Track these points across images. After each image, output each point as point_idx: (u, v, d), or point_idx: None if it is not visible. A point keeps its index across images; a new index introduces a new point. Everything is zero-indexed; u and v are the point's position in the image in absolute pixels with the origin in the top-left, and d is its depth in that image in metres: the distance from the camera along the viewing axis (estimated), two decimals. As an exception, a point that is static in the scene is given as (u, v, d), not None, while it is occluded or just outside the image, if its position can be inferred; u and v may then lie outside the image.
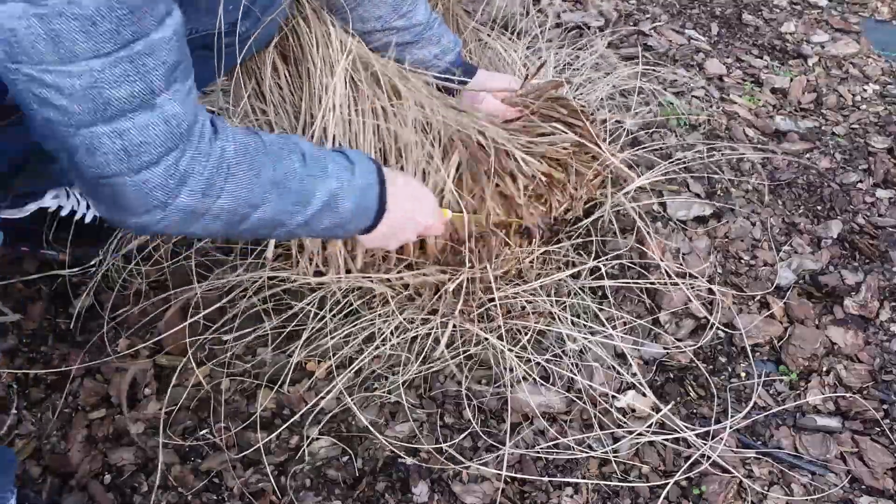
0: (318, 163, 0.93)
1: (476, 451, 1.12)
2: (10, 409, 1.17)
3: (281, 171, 0.88)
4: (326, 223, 0.95)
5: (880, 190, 1.62)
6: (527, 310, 1.25)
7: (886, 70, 2.01)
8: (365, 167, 0.99)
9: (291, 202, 0.90)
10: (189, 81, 0.80)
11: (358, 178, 0.97)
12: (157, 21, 0.73)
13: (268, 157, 0.87)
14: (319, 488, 1.09)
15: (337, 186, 0.94)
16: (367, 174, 0.98)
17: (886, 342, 1.31)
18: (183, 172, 0.79)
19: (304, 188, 0.91)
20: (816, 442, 1.16)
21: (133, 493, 1.09)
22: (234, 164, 0.83)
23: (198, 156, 0.80)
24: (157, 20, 0.73)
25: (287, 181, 0.89)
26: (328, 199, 0.93)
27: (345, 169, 0.96)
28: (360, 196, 0.97)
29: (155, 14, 0.72)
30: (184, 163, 0.79)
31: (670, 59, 1.97)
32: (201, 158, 0.80)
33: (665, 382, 1.23)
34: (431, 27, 1.27)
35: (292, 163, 0.90)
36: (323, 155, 0.95)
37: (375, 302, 1.25)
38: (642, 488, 1.09)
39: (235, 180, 0.84)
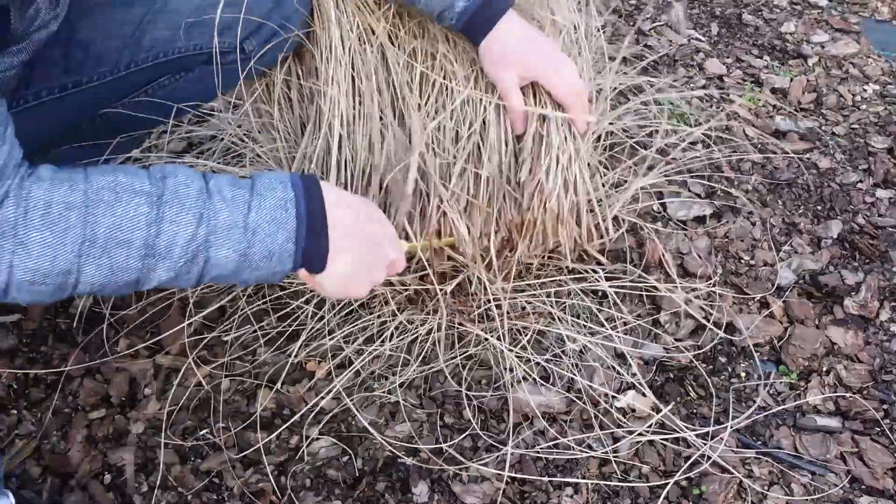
0: (180, 201, 0.74)
1: (476, 452, 1.13)
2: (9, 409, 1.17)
3: (106, 224, 0.71)
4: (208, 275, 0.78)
5: (880, 190, 1.62)
6: (527, 310, 1.25)
7: (886, 70, 2.01)
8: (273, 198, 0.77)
9: (134, 256, 0.73)
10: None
11: (252, 215, 0.76)
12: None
13: (82, 212, 0.71)
14: (319, 488, 1.09)
15: (208, 231, 0.75)
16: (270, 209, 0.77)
17: (886, 342, 1.31)
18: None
19: (150, 237, 0.73)
20: (816, 442, 1.16)
21: (133, 493, 1.09)
22: (20, 230, 0.69)
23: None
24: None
25: (121, 232, 0.72)
26: (196, 247, 0.75)
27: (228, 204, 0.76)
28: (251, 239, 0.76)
29: None
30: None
31: (670, 59, 1.97)
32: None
33: (665, 382, 1.23)
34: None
35: (133, 209, 0.73)
36: (192, 190, 0.75)
37: (375, 302, 1.25)
38: (642, 488, 1.09)
39: (27, 251, 0.70)
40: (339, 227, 0.81)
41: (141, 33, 1.08)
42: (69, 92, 1.09)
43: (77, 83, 1.09)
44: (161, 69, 1.13)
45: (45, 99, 1.07)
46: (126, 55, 1.09)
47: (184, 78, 1.16)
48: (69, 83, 1.08)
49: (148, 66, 1.11)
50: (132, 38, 1.08)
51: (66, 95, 1.09)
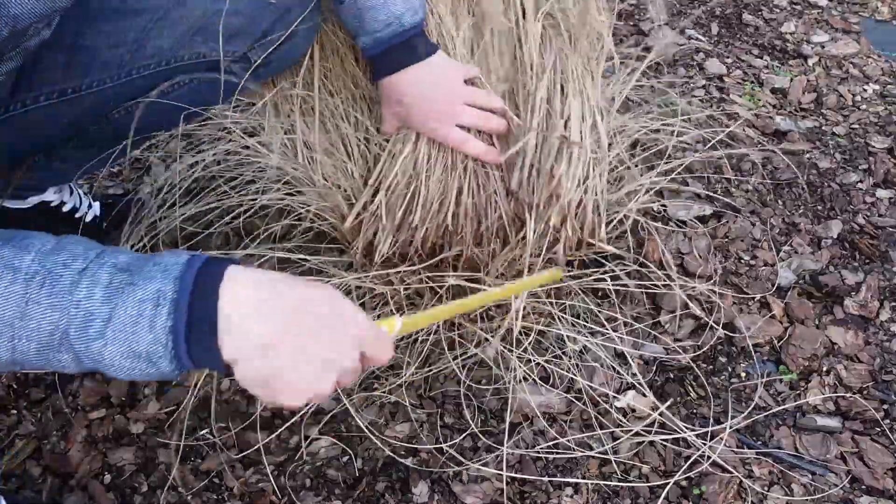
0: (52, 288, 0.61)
1: (476, 452, 1.13)
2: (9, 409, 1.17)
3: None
4: (91, 366, 0.63)
5: (880, 190, 1.62)
6: (527, 310, 1.25)
7: (886, 70, 2.01)
8: (141, 295, 0.61)
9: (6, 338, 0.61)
10: None
11: (118, 311, 0.61)
12: None
13: None
14: (319, 488, 1.09)
15: (66, 319, 0.61)
16: (139, 304, 0.61)
17: (886, 342, 1.31)
18: None
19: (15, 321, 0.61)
20: (816, 442, 1.16)
21: (133, 493, 1.09)
22: None
23: None
24: None
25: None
26: (59, 334, 0.61)
27: (101, 293, 0.61)
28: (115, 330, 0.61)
29: None
30: None
31: (670, 59, 1.97)
32: None
33: (665, 382, 1.23)
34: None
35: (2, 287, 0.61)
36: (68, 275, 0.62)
37: (376, 301, 1.25)
38: (642, 488, 1.09)
39: None
40: (239, 331, 0.64)
41: (144, 40, 1.08)
42: (69, 97, 1.09)
43: (77, 88, 1.09)
44: (162, 77, 1.13)
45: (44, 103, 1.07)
46: (128, 62, 1.09)
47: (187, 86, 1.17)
48: (69, 88, 1.08)
49: (150, 73, 1.11)
50: (135, 45, 1.08)
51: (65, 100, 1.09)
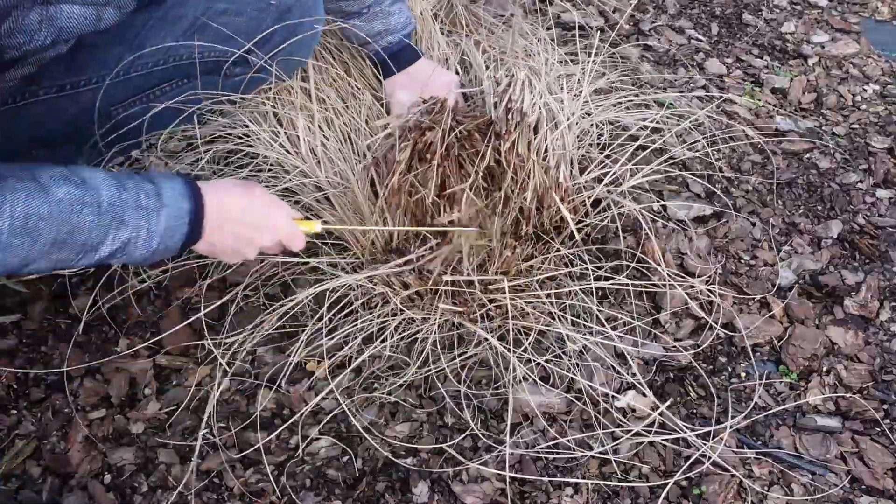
0: (115, 213, 0.92)
1: (476, 451, 1.12)
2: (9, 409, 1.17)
3: (65, 230, 0.88)
4: (119, 261, 0.96)
5: (880, 190, 1.62)
6: (526, 310, 1.25)
7: (886, 70, 2.01)
8: (174, 210, 0.97)
9: (74, 253, 0.91)
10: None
11: (161, 224, 0.95)
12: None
13: (51, 222, 0.86)
14: (319, 488, 1.09)
15: (131, 236, 0.93)
16: (173, 218, 0.97)
17: (886, 342, 1.31)
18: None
19: (91, 241, 0.91)
20: (816, 442, 1.16)
21: (133, 493, 1.09)
22: (6, 240, 0.84)
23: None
24: None
25: (73, 238, 0.89)
26: (119, 246, 0.93)
27: (147, 214, 0.94)
28: (159, 242, 0.96)
29: None
30: None
31: (670, 59, 1.97)
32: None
33: (665, 382, 1.23)
34: (381, 3, 1.27)
35: (83, 218, 0.89)
36: (124, 200, 0.93)
37: (375, 301, 1.25)
38: (642, 488, 1.09)
39: (8, 251, 0.85)
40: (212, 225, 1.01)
41: (143, 39, 1.09)
42: (67, 92, 1.09)
43: (76, 84, 1.09)
44: (163, 75, 1.13)
45: (43, 97, 1.08)
46: (127, 59, 1.09)
47: (185, 86, 1.17)
48: (68, 83, 1.09)
49: (149, 71, 1.12)
50: (135, 43, 1.09)
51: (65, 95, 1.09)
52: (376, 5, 1.26)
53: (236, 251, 1.07)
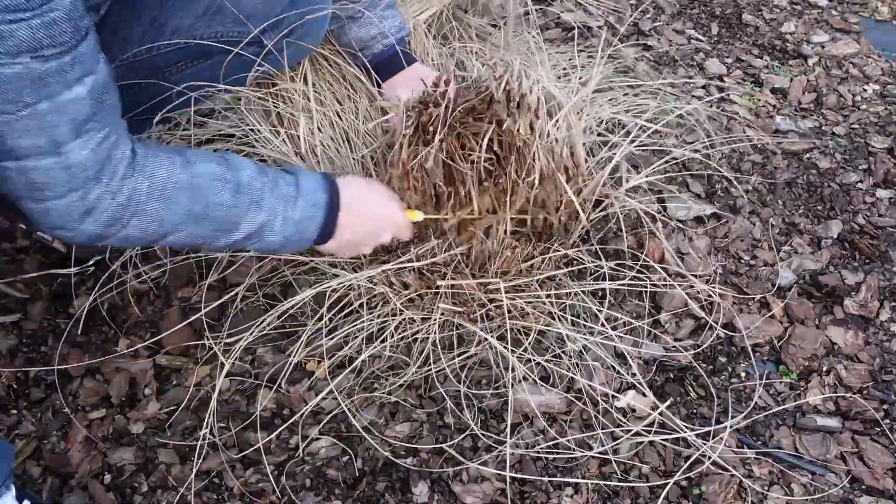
0: (254, 194, 0.96)
1: (476, 451, 1.12)
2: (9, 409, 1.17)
3: (202, 204, 0.92)
4: (255, 247, 1.00)
5: (880, 190, 1.62)
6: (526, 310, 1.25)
7: (886, 70, 2.01)
8: (311, 199, 1.01)
9: (211, 230, 0.94)
10: (106, 128, 0.84)
11: (297, 212, 0.99)
12: (66, 85, 0.78)
13: (189, 192, 0.91)
14: (319, 488, 1.09)
15: (267, 219, 0.97)
16: (310, 207, 1.01)
17: (886, 342, 1.31)
18: (87, 207, 0.85)
19: (228, 219, 0.95)
20: (816, 442, 1.16)
21: (133, 493, 1.09)
22: (144, 202, 0.88)
23: (105, 193, 0.85)
24: (67, 84, 0.78)
25: (209, 213, 0.93)
26: (256, 229, 0.97)
27: (284, 201, 0.98)
28: (295, 230, 1.00)
29: (65, 79, 0.78)
30: (90, 198, 0.84)
31: (670, 59, 1.97)
32: (108, 196, 0.85)
33: (665, 382, 1.23)
34: (376, 6, 1.29)
35: (220, 195, 0.93)
36: (263, 184, 0.97)
37: (375, 301, 1.25)
38: (642, 488, 1.09)
39: (144, 215, 0.89)
40: (345, 220, 1.05)
41: (165, 19, 1.12)
42: None
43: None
44: (181, 54, 1.15)
45: None
46: (149, 39, 1.12)
47: (201, 64, 1.18)
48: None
49: (168, 51, 1.14)
50: (156, 23, 1.11)
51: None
52: (370, 9, 1.27)
53: (357, 247, 1.12)
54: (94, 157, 0.83)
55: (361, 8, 1.28)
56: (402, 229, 1.18)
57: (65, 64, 0.77)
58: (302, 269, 1.31)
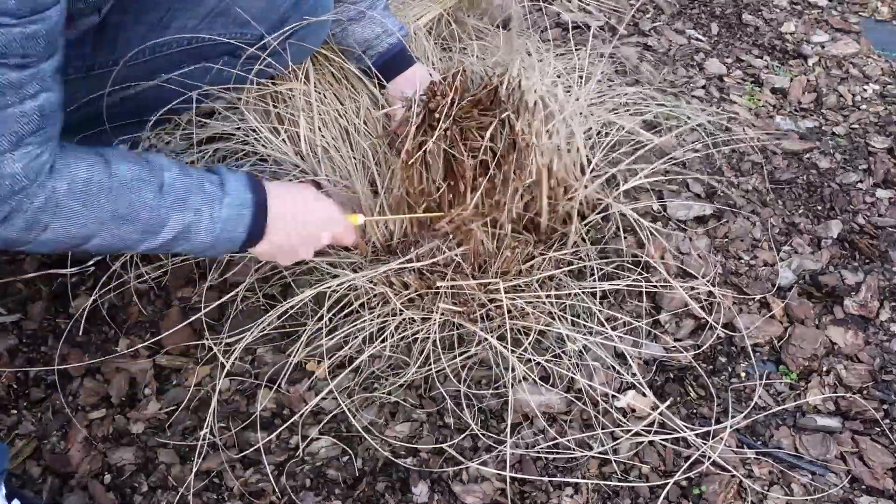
0: (178, 195, 0.93)
1: (476, 451, 1.12)
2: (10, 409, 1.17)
3: (125, 204, 0.89)
4: (183, 249, 0.97)
5: (880, 190, 1.62)
6: (526, 310, 1.25)
7: (886, 70, 2.01)
8: (237, 198, 0.98)
9: (137, 231, 0.91)
10: (42, 147, 0.82)
11: (223, 210, 0.96)
12: (20, 98, 0.77)
13: (110, 194, 0.88)
14: (319, 488, 1.09)
15: (193, 219, 0.94)
16: (236, 206, 0.98)
17: (886, 342, 1.31)
18: (7, 212, 0.82)
19: (152, 220, 0.92)
20: (816, 442, 1.16)
21: (133, 493, 1.09)
22: (62, 203, 0.85)
23: (25, 196, 0.82)
24: (21, 97, 0.77)
25: (132, 214, 0.90)
26: (181, 230, 0.94)
27: (210, 200, 0.96)
28: (222, 229, 0.97)
29: (21, 92, 0.77)
30: (11, 203, 0.81)
31: (670, 59, 1.97)
32: (27, 199, 0.82)
33: (665, 382, 1.23)
34: (376, 7, 1.29)
35: (143, 196, 0.90)
36: (187, 184, 0.94)
37: (376, 301, 1.25)
38: (642, 488, 1.09)
39: (63, 218, 0.85)
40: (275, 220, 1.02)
41: (168, 20, 1.12)
42: (95, 72, 1.12)
43: (103, 63, 1.12)
44: (181, 57, 1.16)
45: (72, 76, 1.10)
46: (152, 39, 1.12)
47: (204, 66, 1.19)
48: (95, 63, 1.11)
49: (172, 52, 1.14)
50: (159, 25, 1.12)
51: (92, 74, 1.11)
52: (371, 9, 1.28)
53: (295, 250, 1.08)
54: (26, 171, 0.81)
55: (363, 9, 1.28)
56: (342, 230, 1.13)
57: (25, 77, 0.76)
58: (302, 269, 1.31)
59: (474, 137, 1.23)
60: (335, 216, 1.11)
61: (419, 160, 1.19)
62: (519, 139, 1.21)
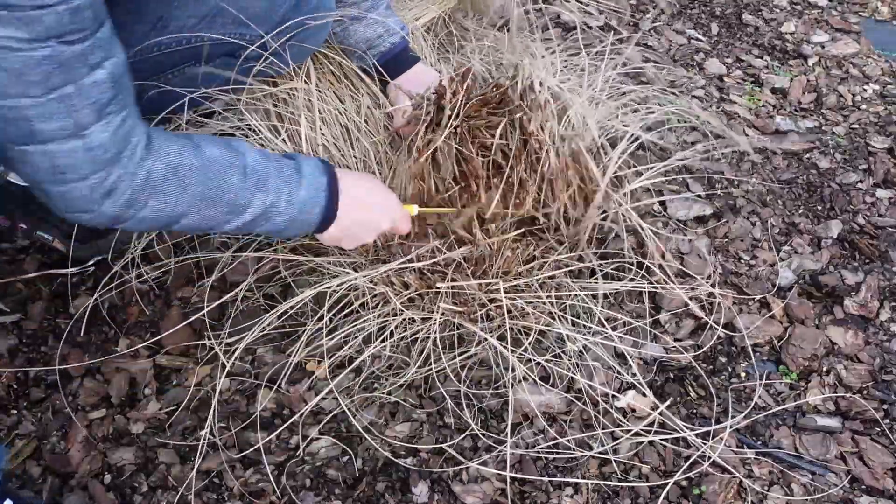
0: (259, 177, 0.99)
1: (476, 451, 1.12)
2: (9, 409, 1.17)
3: (214, 186, 0.96)
4: (262, 229, 1.03)
5: (880, 190, 1.62)
6: (527, 310, 1.25)
7: (886, 70, 2.01)
8: (313, 182, 1.04)
9: (223, 212, 0.98)
10: (124, 111, 0.87)
11: (301, 193, 1.03)
12: (89, 68, 0.81)
13: (201, 175, 0.94)
14: (319, 488, 1.09)
15: (273, 200, 1.00)
16: (312, 189, 1.04)
17: (886, 342, 1.31)
18: (108, 188, 0.88)
19: (237, 201, 0.98)
20: (816, 442, 1.16)
21: (133, 493, 1.09)
22: (160, 183, 0.91)
23: (124, 174, 0.88)
24: (90, 67, 0.81)
25: (220, 195, 0.96)
26: (262, 211, 1.00)
27: (288, 183, 1.02)
28: (299, 210, 1.03)
29: (88, 63, 0.81)
30: (111, 180, 0.88)
31: (670, 59, 1.97)
32: (127, 177, 0.89)
33: (665, 382, 1.23)
34: (378, 7, 1.30)
35: (229, 178, 0.97)
36: (268, 168, 1.00)
37: (376, 301, 1.25)
38: (642, 488, 1.09)
39: (160, 196, 0.92)
40: (345, 204, 1.08)
41: (168, 19, 1.12)
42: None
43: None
44: (181, 56, 1.16)
45: None
46: (152, 38, 1.12)
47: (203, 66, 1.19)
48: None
49: (170, 51, 1.14)
50: (160, 23, 1.12)
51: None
52: (373, 9, 1.28)
53: (358, 236, 1.14)
54: (114, 139, 0.85)
55: (364, 10, 1.28)
56: (401, 219, 1.18)
57: (87, 48, 0.80)
58: (302, 269, 1.31)
59: (483, 136, 1.23)
60: (394, 205, 1.17)
61: (429, 158, 1.20)
62: (532, 140, 1.21)
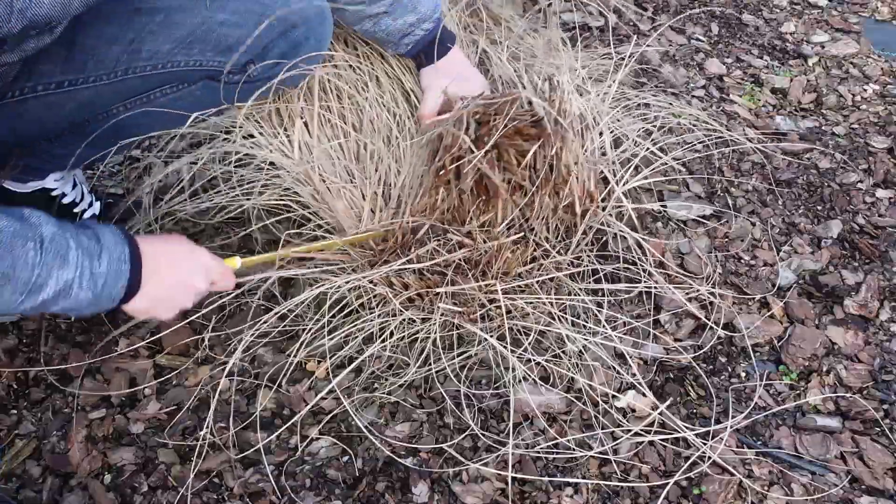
0: (58, 251, 0.89)
1: (476, 451, 1.13)
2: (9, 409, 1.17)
3: (7, 263, 0.85)
4: (62, 307, 0.93)
5: (880, 190, 1.62)
6: (526, 310, 1.25)
7: (886, 70, 2.01)
8: (115, 254, 0.96)
9: (19, 291, 0.87)
10: None
11: (103, 265, 0.94)
12: None
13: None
14: (319, 488, 1.09)
15: (74, 276, 0.91)
16: (115, 261, 0.95)
17: (886, 342, 1.31)
18: None
19: (34, 277, 0.88)
20: (816, 442, 1.16)
21: (133, 493, 1.09)
22: None
23: None
24: None
25: (15, 272, 0.86)
26: (62, 287, 0.90)
27: (90, 255, 0.93)
28: (103, 285, 0.94)
29: None
30: None
31: (670, 59, 1.97)
32: None
33: (665, 382, 1.23)
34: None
35: (25, 253, 0.87)
36: (67, 241, 0.91)
37: (376, 301, 1.25)
38: (642, 488, 1.09)
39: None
40: (150, 270, 1.00)
41: (140, 42, 1.10)
42: (66, 89, 1.10)
43: (73, 81, 1.11)
44: (159, 79, 1.14)
45: (42, 93, 1.09)
46: (124, 61, 1.11)
47: (183, 90, 1.18)
48: (66, 81, 1.10)
49: (145, 74, 1.13)
50: (132, 46, 1.10)
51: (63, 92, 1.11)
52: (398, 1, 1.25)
53: (175, 300, 1.05)
54: None
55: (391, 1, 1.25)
56: (220, 275, 1.10)
57: None
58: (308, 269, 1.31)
59: (508, 158, 1.23)
60: (209, 262, 1.09)
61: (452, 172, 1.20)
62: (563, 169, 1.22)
